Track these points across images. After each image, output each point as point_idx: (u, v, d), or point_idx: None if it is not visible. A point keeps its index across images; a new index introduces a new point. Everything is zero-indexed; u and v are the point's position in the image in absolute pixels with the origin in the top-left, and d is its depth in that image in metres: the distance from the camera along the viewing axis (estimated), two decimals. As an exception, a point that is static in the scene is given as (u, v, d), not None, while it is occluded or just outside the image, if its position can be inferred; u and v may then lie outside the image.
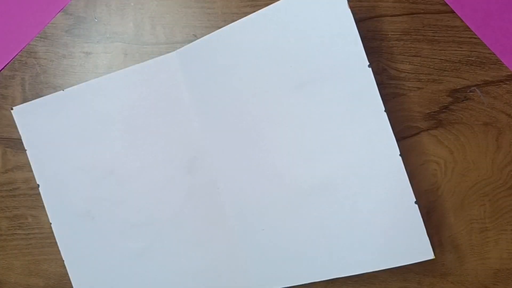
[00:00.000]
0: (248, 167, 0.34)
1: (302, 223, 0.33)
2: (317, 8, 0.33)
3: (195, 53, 0.34)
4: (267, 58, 0.34)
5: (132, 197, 0.35)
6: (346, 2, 0.32)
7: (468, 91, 0.35)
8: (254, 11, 0.34)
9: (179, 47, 0.35)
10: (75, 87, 0.34)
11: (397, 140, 0.31)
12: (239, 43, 0.33)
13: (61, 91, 0.34)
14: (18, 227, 0.36)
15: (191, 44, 0.34)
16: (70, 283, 0.36)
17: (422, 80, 0.34)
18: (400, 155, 0.31)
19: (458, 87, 0.35)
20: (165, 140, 0.34)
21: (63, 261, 0.36)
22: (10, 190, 0.35)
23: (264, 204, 0.34)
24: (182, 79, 0.34)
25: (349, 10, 0.32)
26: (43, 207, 0.36)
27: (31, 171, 0.35)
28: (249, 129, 0.33)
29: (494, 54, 0.34)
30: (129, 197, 0.35)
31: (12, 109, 0.35)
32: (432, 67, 0.35)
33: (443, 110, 0.34)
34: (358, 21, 0.34)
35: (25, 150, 0.35)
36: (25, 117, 0.35)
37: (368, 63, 0.31)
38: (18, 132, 0.35)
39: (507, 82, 0.34)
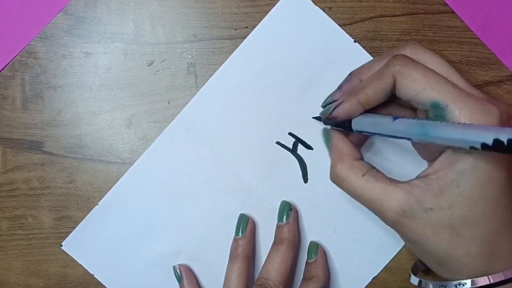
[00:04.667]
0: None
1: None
2: (293, 17, 0.34)
3: (198, 109, 0.34)
4: (266, 81, 0.34)
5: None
6: (310, 1, 0.33)
7: (468, 91, 0.35)
8: (254, 11, 0.34)
9: (179, 47, 0.35)
10: (106, 196, 0.35)
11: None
12: (235, 79, 0.34)
13: (96, 205, 0.35)
14: (18, 227, 0.36)
15: (192, 100, 0.34)
16: (70, 283, 0.36)
17: (422, 80, 0.34)
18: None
19: (458, 87, 0.35)
20: (212, 198, 0.35)
21: (64, 261, 0.36)
22: (10, 190, 0.35)
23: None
24: (200, 138, 0.34)
25: (317, 7, 0.33)
26: (43, 207, 0.36)
27: (31, 171, 0.35)
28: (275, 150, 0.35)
29: (494, 54, 0.34)
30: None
31: (61, 245, 0.36)
32: (432, 67, 0.35)
33: (443, 110, 0.34)
34: (358, 21, 0.34)
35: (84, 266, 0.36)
36: (76, 246, 0.35)
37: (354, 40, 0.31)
38: (18, 132, 0.35)
39: (507, 82, 0.34)
